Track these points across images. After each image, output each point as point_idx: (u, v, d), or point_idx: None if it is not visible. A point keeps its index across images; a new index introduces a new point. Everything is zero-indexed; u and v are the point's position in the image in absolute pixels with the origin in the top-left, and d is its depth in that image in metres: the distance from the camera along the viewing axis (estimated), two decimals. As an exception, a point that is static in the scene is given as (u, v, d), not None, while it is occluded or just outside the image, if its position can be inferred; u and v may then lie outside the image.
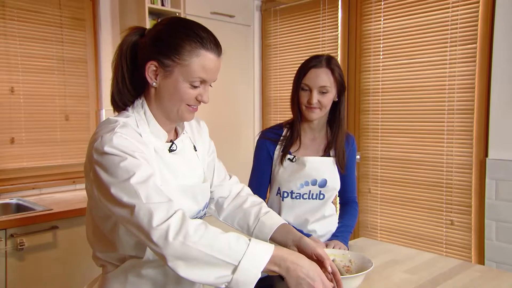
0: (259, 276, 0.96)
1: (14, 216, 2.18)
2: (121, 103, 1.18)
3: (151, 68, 1.11)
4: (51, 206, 2.37)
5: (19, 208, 2.49)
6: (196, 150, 1.29)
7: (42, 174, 2.80)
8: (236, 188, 1.42)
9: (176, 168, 1.19)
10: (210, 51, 1.10)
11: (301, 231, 1.63)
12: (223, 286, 0.96)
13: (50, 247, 2.24)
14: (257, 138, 1.76)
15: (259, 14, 3.68)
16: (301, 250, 1.17)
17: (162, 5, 2.95)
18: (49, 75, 2.81)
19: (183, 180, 1.20)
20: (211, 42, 1.11)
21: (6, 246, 2.09)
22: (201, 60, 1.09)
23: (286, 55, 3.55)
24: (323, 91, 1.59)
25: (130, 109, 1.17)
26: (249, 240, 0.98)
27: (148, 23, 2.83)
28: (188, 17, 2.99)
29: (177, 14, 2.98)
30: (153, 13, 2.92)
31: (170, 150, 1.19)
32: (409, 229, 2.85)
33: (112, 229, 1.12)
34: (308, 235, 1.61)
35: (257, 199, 1.40)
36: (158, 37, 1.11)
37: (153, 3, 2.88)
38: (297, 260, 1.00)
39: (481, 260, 2.50)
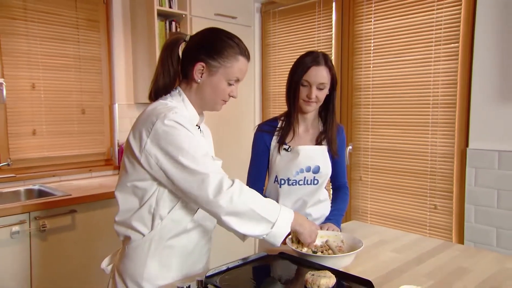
0: (289, 230, 1.21)
1: (37, 201, 2.20)
2: (163, 93, 1.27)
3: (198, 68, 1.23)
4: (69, 191, 2.39)
5: (41, 193, 2.52)
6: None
7: (61, 163, 2.82)
8: None
9: (205, 146, 1.29)
10: (245, 57, 1.28)
11: None
12: (261, 237, 1.18)
13: (70, 229, 2.27)
14: (254, 131, 1.76)
15: (259, 15, 3.67)
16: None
17: (170, 7, 2.95)
18: (66, 72, 2.81)
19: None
20: (246, 50, 1.29)
21: (30, 227, 2.11)
22: (239, 64, 1.25)
23: (284, 54, 3.54)
24: (321, 87, 1.60)
25: (169, 97, 1.27)
26: (278, 204, 1.21)
27: (157, 24, 2.83)
28: (194, 18, 3.01)
29: (184, 15, 2.98)
30: (161, 14, 2.92)
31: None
32: (396, 213, 2.88)
33: (151, 194, 1.19)
34: None
35: None
36: (207, 44, 1.23)
37: (161, 5, 2.88)
38: (303, 224, 1.28)
39: (461, 240, 2.52)
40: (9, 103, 2.56)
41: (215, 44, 1.23)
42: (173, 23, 3.00)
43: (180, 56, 1.29)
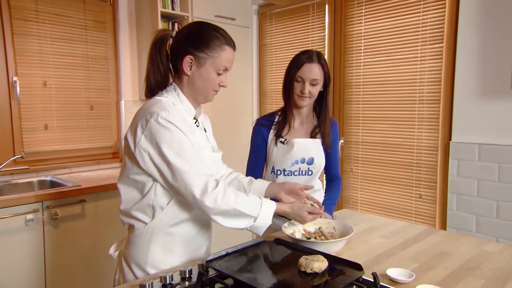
0: (270, 222, 1.21)
1: (49, 191, 2.20)
2: (157, 90, 1.25)
3: (187, 61, 1.20)
4: (79, 182, 2.39)
5: (53, 184, 2.52)
6: (206, 131, 1.37)
7: (71, 156, 2.82)
8: (229, 170, 1.53)
9: (202, 139, 1.28)
10: (231, 47, 1.24)
11: None
12: (245, 229, 1.20)
13: (80, 217, 2.28)
14: (253, 125, 1.76)
15: (257, 17, 3.66)
16: (290, 191, 1.43)
17: (173, 9, 2.93)
18: (76, 71, 2.80)
19: (206, 149, 1.29)
20: (231, 40, 1.25)
21: (43, 215, 2.12)
22: (225, 54, 1.22)
23: (280, 53, 3.54)
24: (313, 83, 1.60)
25: (164, 93, 1.24)
26: (261, 199, 1.22)
27: (160, 25, 2.82)
28: (195, 20, 2.99)
29: (186, 17, 2.97)
30: (164, 16, 2.91)
31: (196, 126, 1.29)
32: (385, 202, 2.89)
33: (150, 187, 1.18)
34: None
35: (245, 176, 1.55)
36: (193, 37, 1.20)
37: (165, 8, 2.87)
38: (288, 210, 1.29)
39: (443, 227, 2.54)
40: (22, 100, 2.55)
41: (201, 37, 1.19)
42: (176, 24, 2.99)
43: (169, 52, 1.25)
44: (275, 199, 1.36)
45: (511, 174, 2.25)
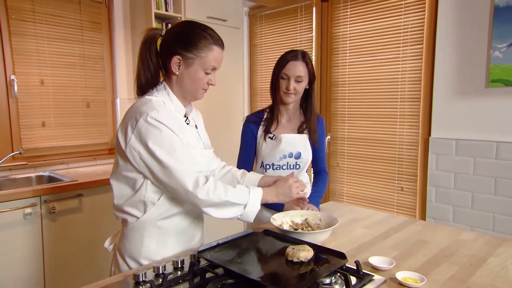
0: (259, 208, 1.20)
1: (47, 186, 2.18)
2: (147, 89, 1.23)
3: (175, 61, 1.17)
4: (76, 177, 2.37)
5: (51, 179, 2.49)
6: (197, 128, 1.34)
7: (69, 152, 2.79)
8: (222, 163, 1.51)
9: (193, 137, 1.26)
10: (219, 47, 1.19)
11: None
12: (236, 218, 1.19)
13: (77, 211, 2.26)
14: (243, 122, 1.76)
15: (248, 18, 3.65)
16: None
17: (166, 10, 2.91)
18: (72, 70, 2.77)
19: (197, 146, 1.27)
20: (219, 39, 1.20)
21: (41, 209, 2.10)
22: (213, 53, 1.18)
23: (270, 53, 3.54)
24: (298, 80, 1.60)
25: (155, 92, 1.21)
26: (248, 187, 1.21)
27: (154, 25, 2.79)
28: (188, 21, 2.97)
29: (179, 18, 2.94)
30: (158, 17, 2.88)
31: (187, 123, 1.26)
32: (369, 194, 2.92)
33: (141, 184, 1.17)
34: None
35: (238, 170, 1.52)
36: (181, 37, 1.16)
37: (159, 9, 2.84)
38: (273, 195, 1.27)
39: (423, 217, 2.58)
40: (20, 98, 2.51)
41: (189, 37, 1.15)
42: (169, 25, 2.96)
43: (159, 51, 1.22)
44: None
45: (485, 168, 2.28)
